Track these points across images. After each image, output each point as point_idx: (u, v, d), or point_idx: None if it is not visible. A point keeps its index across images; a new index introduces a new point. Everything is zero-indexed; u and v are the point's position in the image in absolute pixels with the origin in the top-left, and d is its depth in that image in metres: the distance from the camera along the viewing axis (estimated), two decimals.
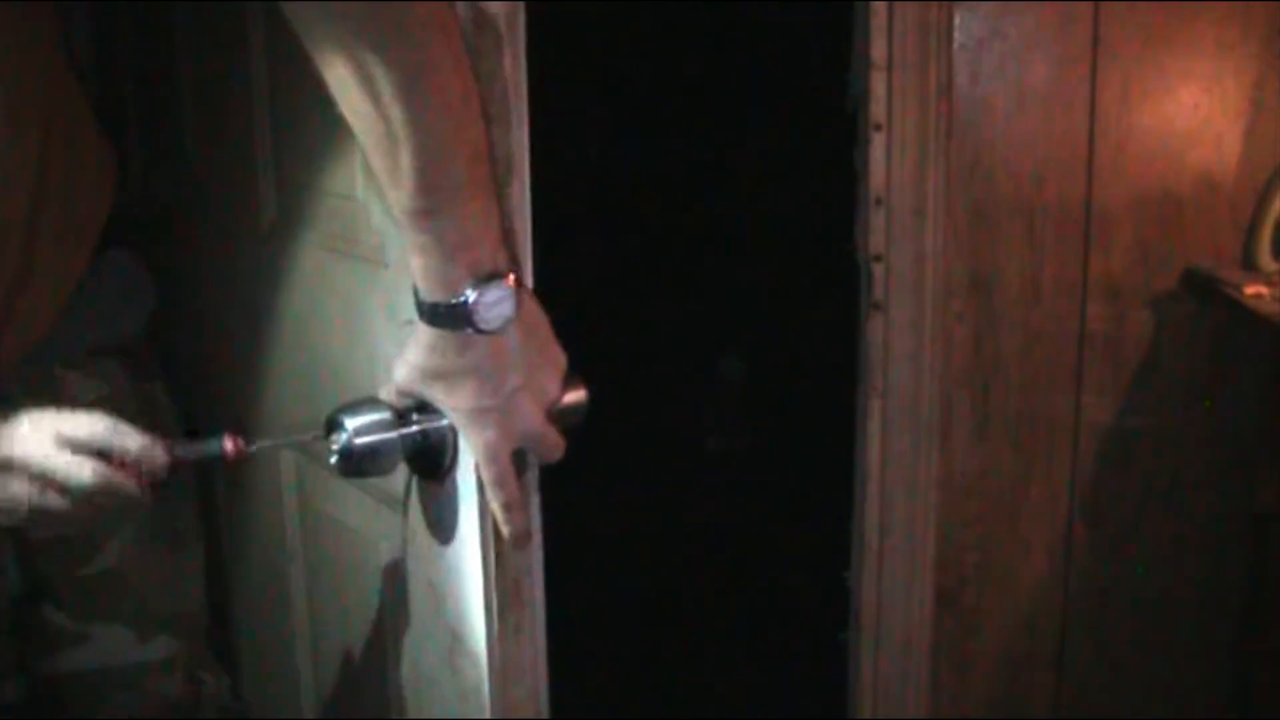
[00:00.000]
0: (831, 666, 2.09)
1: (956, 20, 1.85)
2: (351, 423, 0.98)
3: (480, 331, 0.91)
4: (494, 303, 0.91)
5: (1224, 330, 1.92)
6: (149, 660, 1.29)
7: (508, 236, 0.94)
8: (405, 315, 1.00)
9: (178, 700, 1.31)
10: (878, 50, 1.83)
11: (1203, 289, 1.89)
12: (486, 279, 0.91)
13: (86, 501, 0.93)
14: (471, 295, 0.90)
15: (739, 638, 2.77)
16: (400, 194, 0.89)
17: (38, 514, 0.94)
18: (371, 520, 1.15)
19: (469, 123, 0.89)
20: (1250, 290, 1.81)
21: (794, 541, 2.83)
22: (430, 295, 0.92)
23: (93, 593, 1.25)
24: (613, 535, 2.93)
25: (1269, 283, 1.83)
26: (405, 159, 0.87)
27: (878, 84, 1.84)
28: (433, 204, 0.89)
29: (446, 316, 0.91)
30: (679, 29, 3.22)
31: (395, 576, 1.11)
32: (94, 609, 1.26)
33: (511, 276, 0.92)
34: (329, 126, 1.09)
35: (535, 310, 0.98)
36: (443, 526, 1.01)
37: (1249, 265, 1.91)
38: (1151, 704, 2.07)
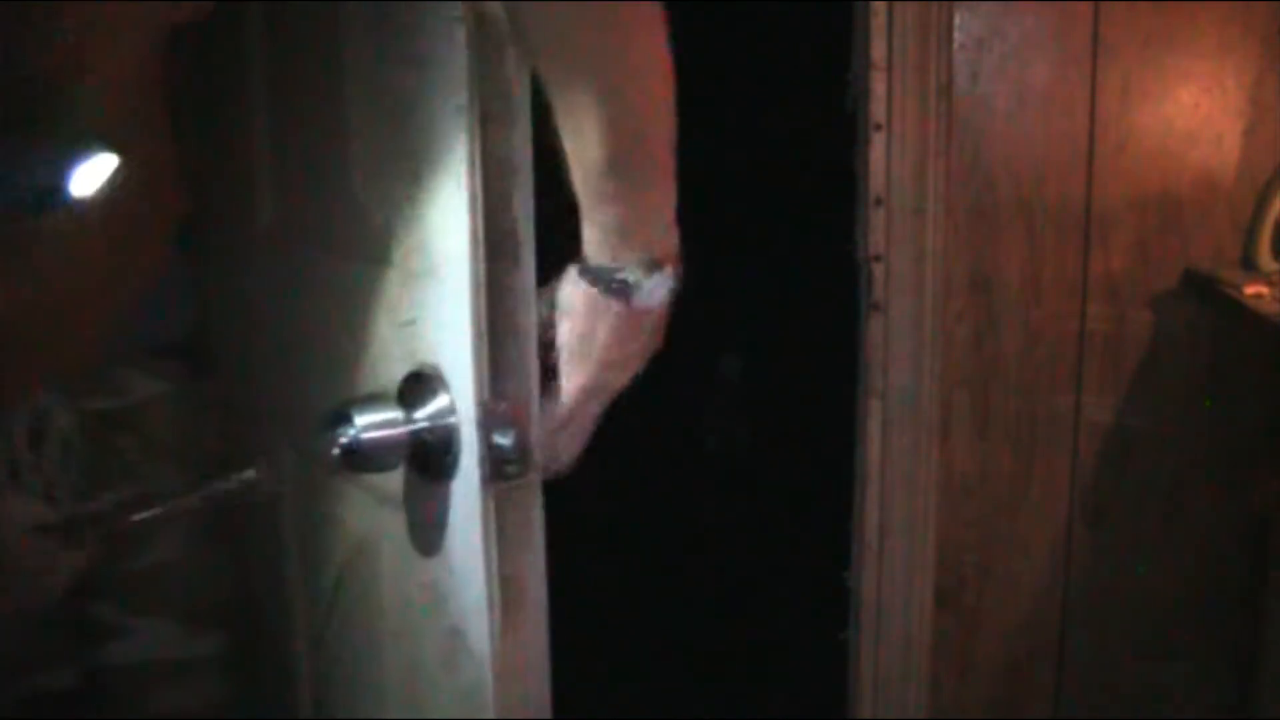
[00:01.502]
0: (831, 666, 2.09)
1: (956, 20, 1.85)
2: (360, 418, 0.98)
3: (632, 306, 0.97)
4: (654, 286, 0.98)
5: (1224, 330, 1.92)
6: (195, 655, 1.31)
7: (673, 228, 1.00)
8: (407, 315, 1.01)
9: (220, 695, 1.33)
10: (878, 50, 1.83)
11: (1203, 289, 1.89)
12: (651, 263, 0.97)
13: None
14: (635, 274, 0.97)
15: (739, 638, 2.77)
16: (594, 174, 0.94)
17: None
18: (371, 519, 1.15)
19: (666, 116, 0.95)
20: (1250, 290, 1.81)
21: (794, 541, 2.83)
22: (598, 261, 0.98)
23: (142, 587, 1.27)
24: (611, 535, 2.93)
25: (1269, 283, 1.83)
26: (609, 146, 0.93)
27: (878, 84, 1.84)
28: (621, 189, 0.95)
29: (606, 285, 0.97)
30: (679, 29, 3.21)
31: (394, 576, 1.11)
32: (143, 603, 1.28)
33: (671, 267, 0.99)
34: (329, 127, 1.09)
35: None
36: (443, 526, 1.01)
37: (1249, 265, 1.91)
38: (1151, 704, 2.07)
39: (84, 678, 1.30)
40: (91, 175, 0.70)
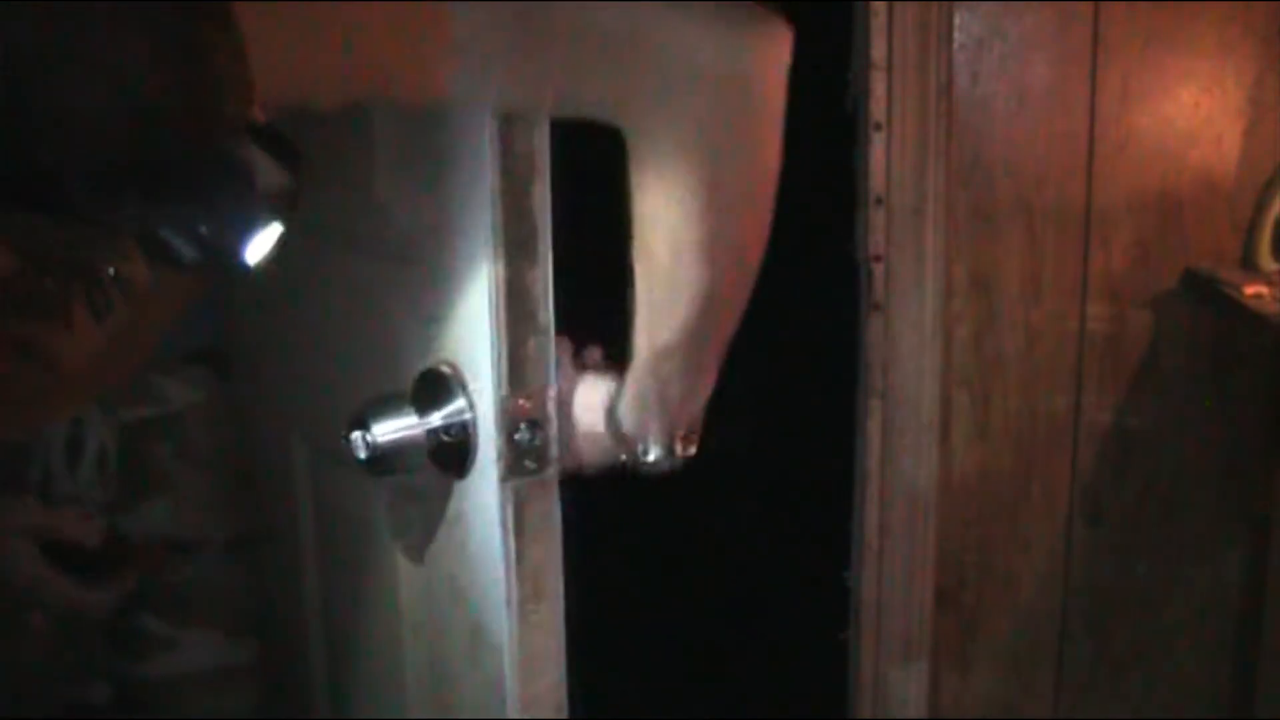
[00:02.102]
0: (831, 666, 2.09)
1: (956, 20, 1.85)
2: (378, 423, 1.00)
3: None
4: (668, 464, 1.08)
5: (1224, 330, 1.92)
6: (234, 664, 1.32)
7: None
8: (429, 312, 1.01)
9: (258, 702, 1.34)
10: (878, 50, 1.83)
11: (1203, 289, 1.89)
12: (671, 446, 1.07)
13: None
14: (656, 455, 1.08)
15: (739, 637, 2.76)
16: (657, 350, 1.01)
17: None
18: (391, 515, 1.15)
19: (737, 311, 1.03)
20: (1250, 290, 1.81)
21: (794, 541, 2.83)
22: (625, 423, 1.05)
23: (186, 600, 1.29)
24: (609, 536, 2.93)
25: (1269, 283, 1.83)
26: (682, 336, 1.00)
27: (878, 84, 1.84)
28: (676, 372, 1.02)
29: (629, 455, 1.08)
30: None
31: (412, 570, 1.12)
32: (186, 615, 1.29)
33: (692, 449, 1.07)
34: (350, 127, 1.09)
35: None
36: (463, 520, 1.02)
37: (1249, 265, 1.91)
38: (1151, 704, 2.07)
39: (121, 690, 1.31)
40: (262, 242, 0.71)
